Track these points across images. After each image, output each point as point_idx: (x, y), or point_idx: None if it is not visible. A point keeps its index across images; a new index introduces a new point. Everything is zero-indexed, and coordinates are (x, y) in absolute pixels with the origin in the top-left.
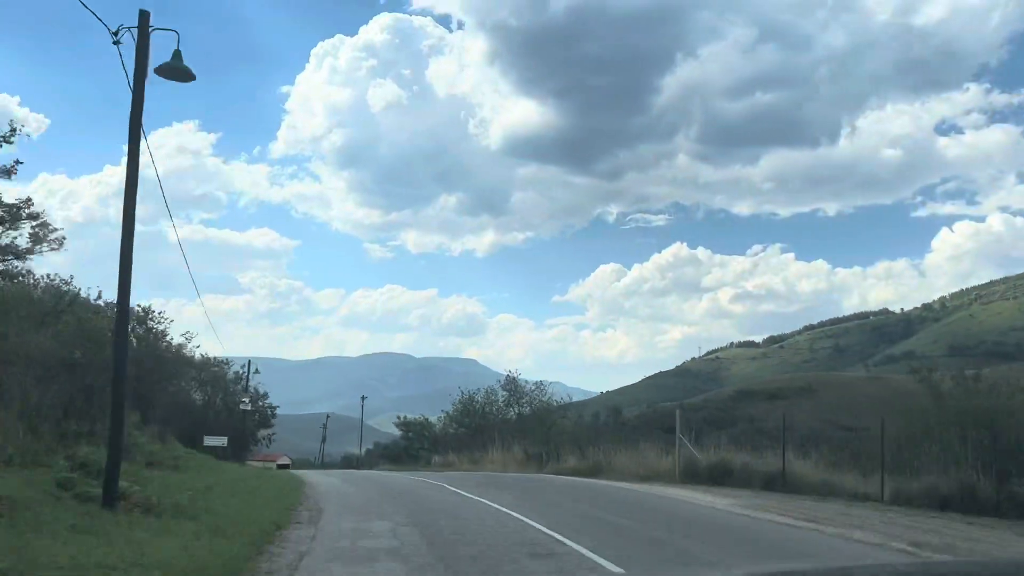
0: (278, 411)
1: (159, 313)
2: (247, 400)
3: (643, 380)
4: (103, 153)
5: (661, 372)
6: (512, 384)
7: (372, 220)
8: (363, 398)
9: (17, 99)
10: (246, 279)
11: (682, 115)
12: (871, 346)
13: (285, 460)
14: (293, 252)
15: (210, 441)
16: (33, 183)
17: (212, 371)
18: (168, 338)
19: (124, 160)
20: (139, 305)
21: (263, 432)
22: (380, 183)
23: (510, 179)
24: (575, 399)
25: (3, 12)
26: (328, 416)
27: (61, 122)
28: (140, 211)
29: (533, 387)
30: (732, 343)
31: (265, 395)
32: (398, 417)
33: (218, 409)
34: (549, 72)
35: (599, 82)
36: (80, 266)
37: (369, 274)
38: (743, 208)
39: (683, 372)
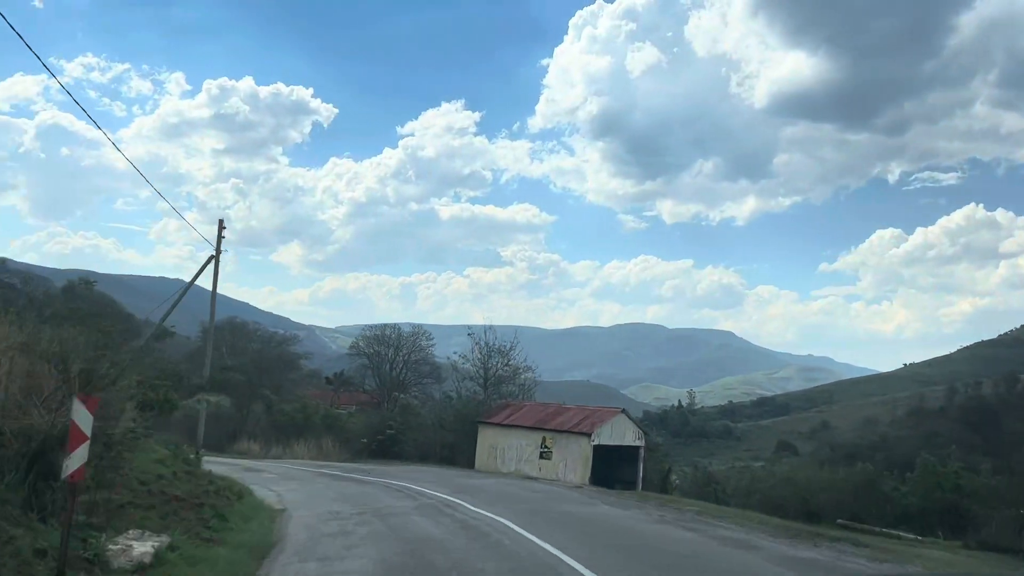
0: (539, 378)
1: None
2: None
3: (958, 352)
4: (382, 136)
5: (981, 342)
6: None
7: (626, 190)
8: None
9: (311, 91)
10: (507, 252)
11: (981, 56)
12: None
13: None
14: (551, 226)
15: None
16: (324, 166)
17: None
18: None
19: (400, 142)
20: None
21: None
22: (634, 152)
23: (774, 140)
24: (848, 376)
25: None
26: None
27: (347, 110)
28: (414, 190)
29: None
30: None
31: None
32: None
33: None
34: (822, 17)
35: (880, 24)
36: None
37: (622, 245)
38: None
39: (1011, 341)
